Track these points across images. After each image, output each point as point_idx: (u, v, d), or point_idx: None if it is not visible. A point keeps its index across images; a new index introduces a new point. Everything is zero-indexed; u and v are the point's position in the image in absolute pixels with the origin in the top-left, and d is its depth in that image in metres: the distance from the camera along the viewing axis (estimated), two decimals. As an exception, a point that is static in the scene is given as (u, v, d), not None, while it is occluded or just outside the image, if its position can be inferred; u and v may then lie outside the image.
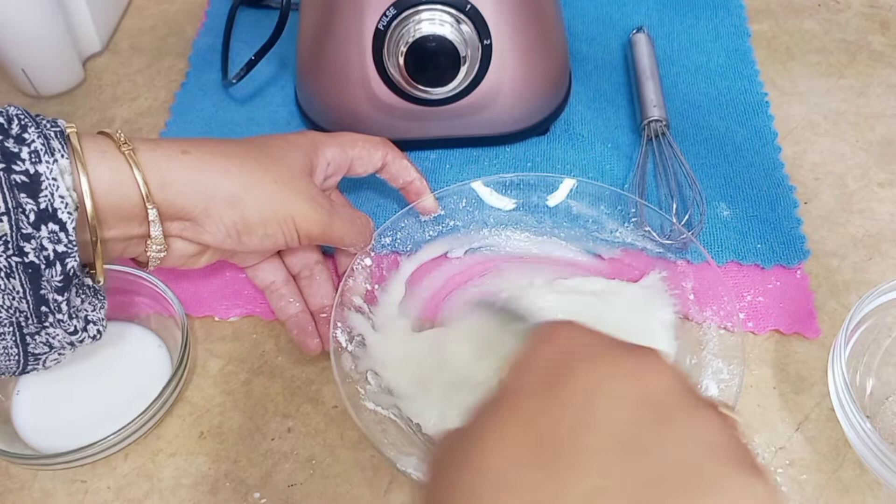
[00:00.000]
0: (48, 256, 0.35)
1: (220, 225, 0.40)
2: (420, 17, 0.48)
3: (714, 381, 0.43)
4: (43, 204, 0.35)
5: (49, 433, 0.44)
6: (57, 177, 0.35)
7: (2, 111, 0.35)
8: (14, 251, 0.35)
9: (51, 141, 0.35)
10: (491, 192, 0.51)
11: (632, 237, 0.50)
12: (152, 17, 0.70)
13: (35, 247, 0.35)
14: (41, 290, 0.36)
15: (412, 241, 0.50)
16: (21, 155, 0.34)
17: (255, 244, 0.42)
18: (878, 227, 0.53)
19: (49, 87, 0.63)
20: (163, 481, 0.44)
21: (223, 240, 0.41)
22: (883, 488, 0.42)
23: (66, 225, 0.35)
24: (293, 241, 0.43)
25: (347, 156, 0.46)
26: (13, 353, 0.38)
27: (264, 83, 0.63)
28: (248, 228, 0.41)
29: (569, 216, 0.51)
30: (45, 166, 0.35)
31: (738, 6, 0.67)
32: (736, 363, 0.42)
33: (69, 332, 0.38)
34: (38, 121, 0.36)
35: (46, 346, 0.38)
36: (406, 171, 0.49)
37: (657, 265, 0.48)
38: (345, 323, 0.45)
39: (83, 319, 0.38)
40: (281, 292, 0.48)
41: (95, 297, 0.40)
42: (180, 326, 0.45)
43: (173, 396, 0.44)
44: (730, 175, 0.55)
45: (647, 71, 0.59)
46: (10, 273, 0.35)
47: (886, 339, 0.47)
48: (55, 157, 0.35)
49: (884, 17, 0.67)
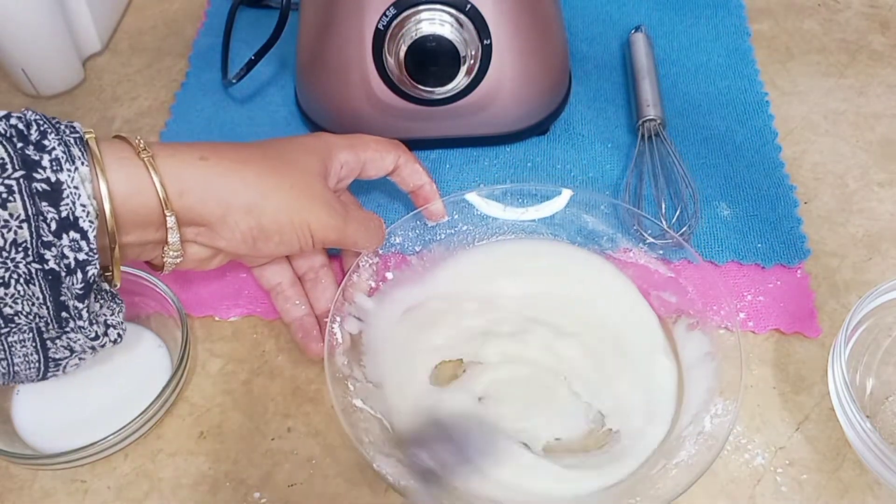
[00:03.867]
0: (69, 264, 0.35)
1: (236, 232, 0.40)
2: (420, 17, 0.48)
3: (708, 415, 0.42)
4: (64, 212, 0.34)
5: (49, 433, 0.44)
6: (78, 185, 0.35)
7: (20, 116, 0.35)
8: (34, 258, 0.34)
9: (71, 148, 0.35)
10: (502, 206, 0.52)
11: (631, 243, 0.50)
12: (152, 17, 0.70)
13: (56, 254, 0.34)
14: (61, 296, 0.36)
15: (421, 242, 0.50)
16: (42, 163, 0.34)
17: (270, 250, 0.42)
18: (878, 227, 0.53)
19: (49, 86, 0.63)
20: (163, 481, 0.44)
21: (238, 245, 0.41)
22: (883, 488, 0.42)
23: (88, 234, 0.35)
24: (308, 246, 0.43)
25: (360, 159, 0.46)
26: (33, 359, 0.37)
27: (264, 83, 0.63)
28: (264, 235, 0.41)
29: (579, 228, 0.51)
30: (67, 174, 0.34)
31: (738, 6, 0.67)
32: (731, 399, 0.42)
33: (90, 337, 0.38)
34: (57, 126, 0.36)
35: (67, 351, 0.38)
36: (417, 175, 0.49)
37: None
38: (343, 318, 0.46)
39: (103, 324, 0.38)
40: (286, 294, 0.48)
41: (113, 301, 0.39)
42: (180, 326, 0.45)
43: (173, 396, 0.44)
44: (730, 175, 0.55)
45: (644, 70, 0.59)
46: (30, 279, 0.35)
47: (886, 339, 0.47)
48: (76, 164, 0.35)
49: (884, 17, 0.67)
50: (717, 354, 0.44)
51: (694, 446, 0.41)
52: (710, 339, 0.45)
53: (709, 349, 0.44)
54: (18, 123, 0.34)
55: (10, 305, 0.35)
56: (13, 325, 0.36)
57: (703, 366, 0.44)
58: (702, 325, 0.46)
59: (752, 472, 0.43)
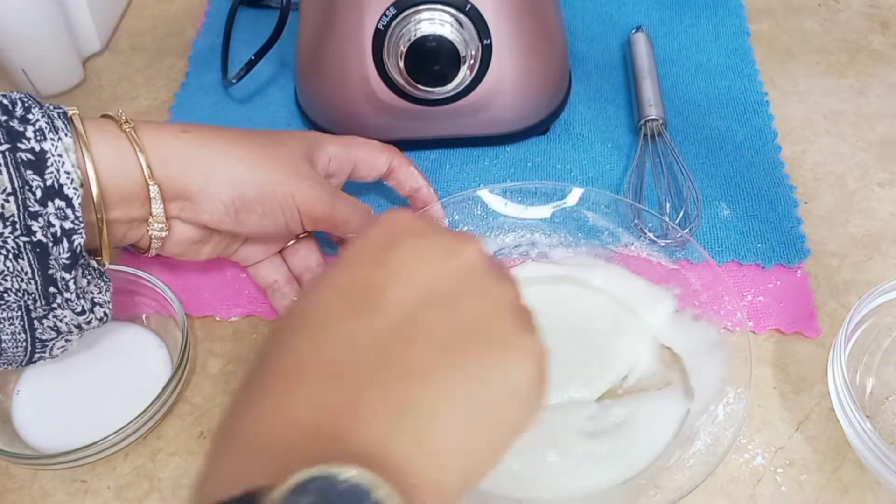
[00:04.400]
0: (55, 233, 0.35)
1: (217, 203, 0.40)
2: (420, 17, 0.48)
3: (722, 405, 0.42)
4: (49, 180, 0.35)
5: (49, 433, 0.44)
6: (62, 153, 0.35)
7: (5, 95, 0.36)
8: (22, 231, 0.35)
9: (55, 120, 0.36)
10: (504, 202, 0.51)
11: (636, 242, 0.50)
12: (152, 17, 0.70)
13: (42, 224, 0.35)
14: (49, 269, 0.36)
15: None
16: (26, 133, 0.35)
17: (253, 223, 0.42)
18: (878, 227, 0.53)
19: (49, 86, 0.63)
20: (163, 481, 0.44)
21: (221, 218, 0.41)
22: (883, 488, 0.42)
23: (73, 201, 0.36)
24: (294, 221, 0.42)
25: (350, 155, 0.46)
26: (21, 339, 0.38)
27: (264, 83, 0.63)
28: (246, 206, 0.41)
29: (580, 226, 0.51)
30: (51, 143, 0.35)
31: (738, 6, 0.67)
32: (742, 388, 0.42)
33: (77, 312, 0.38)
34: (41, 103, 0.37)
35: (54, 331, 0.38)
36: (413, 178, 0.49)
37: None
38: None
39: (90, 301, 0.39)
40: (283, 291, 0.48)
41: (101, 279, 0.40)
42: (180, 326, 0.45)
43: (173, 396, 0.44)
44: (730, 174, 0.55)
45: (645, 70, 0.59)
46: (19, 254, 0.35)
47: (886, 339, 0.47)
48: (59, 135, 0.36)
49: (884, 17, 0.67)
50: (726, 344, 0.44)
51: (709, 437, 0.41)
52: (718, 329, 0.45)
53: (717, 339, 0.44)
54: (3, 100, 0.36)
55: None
56: (2, 302, 0.36)
57: (711, 356, 0.44)
58: (707, 316, 0.46)
59: (752, 472, 0.43)
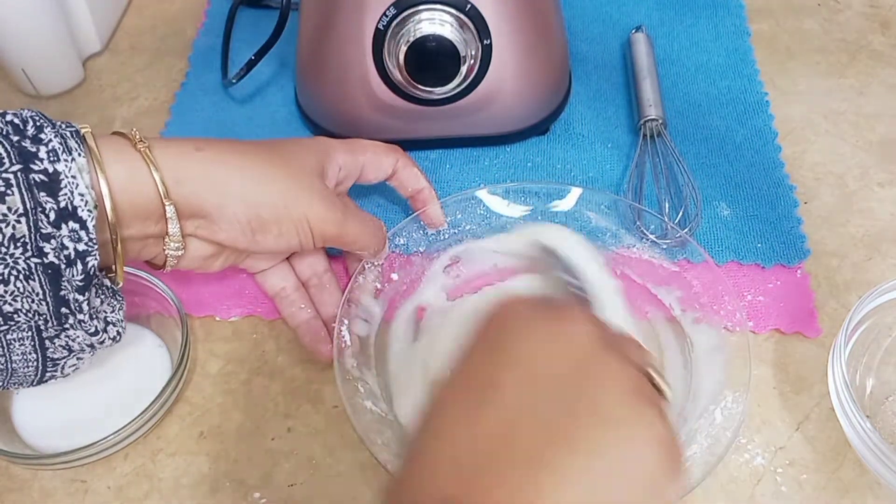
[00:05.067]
0: (69, 255, 0.35)
1: (234, 222, 0.40)
2: (420, 17, 0.48)
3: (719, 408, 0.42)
4: (63, 202, 0.34)
5: (49, 433, 0.44)
6: (76, 174, 0.35)
7: (17, 113, 0.35)
8: (33, 252, 0.34)
9: (67, 140, 0.35)
10: (506, 202, 0.51)
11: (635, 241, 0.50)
12: (152, 17, 0.70)
13: (55, 246, 0.35)
14: (61, 290, 0.36)
15: (425, 242, 0.50)
16: (39, 154, 0.34)
17: (269, 243, 0.42)
18: (878, 227, 0.53)
19: (49, 86, 0.63)
20: (163, 481, 0.44)
21: (237, 237, 0.41)
22: (883, 488, 0.42)
23: (87, 223, 0.35)
24: (307, 241, 0.43)
25: (358, 161, 0.46)
26: (31, 358, 0.37)
27: (264, 83, 0.63)
28: (262, 226, 0.41)
29: (582, 227, 0.51)
30: (64, 164, 0.35)
31: (738, 6, 0.67)
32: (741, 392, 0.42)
33: (90, 332, 0.38)
34: (53, 122, 0.36)
35: (66, 350, 0.38)
36: (416, 179, 0.49)
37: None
38: (351, 320, 0.46)
39: (103, 321, 0.38)
40: (291, 298, 0.48)
41: (114, 297, 0.39)
42: (180, 326, 0.45)
43: (173, 396, 0.44)
44: (730, 174, 0.55)
45: (645, 70, 0.59)
46: (30, 275, 0.35)
47: (886, 339, 0.47)
48: (72, 155, 0.35)
49: (884, 17, 0.67)
50: (725, 347, 0.44)
51: (706, 439, 0.41)
52: (717, 332, 0.45)
53: (717, 342, 0.44)
54: (14, 119, 0.35)
55: (9, 303, 0.35)
56: (12, 322, 0.36)
57: (710, 359, 0.44)
58: (707, 319, 0.46)
59: (752, 472, 0.43)
